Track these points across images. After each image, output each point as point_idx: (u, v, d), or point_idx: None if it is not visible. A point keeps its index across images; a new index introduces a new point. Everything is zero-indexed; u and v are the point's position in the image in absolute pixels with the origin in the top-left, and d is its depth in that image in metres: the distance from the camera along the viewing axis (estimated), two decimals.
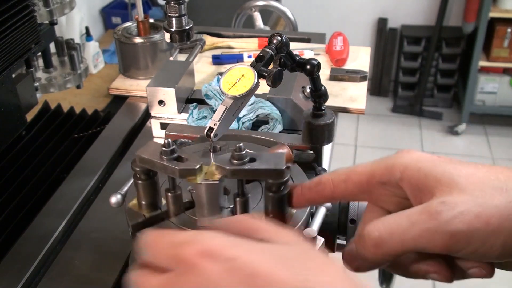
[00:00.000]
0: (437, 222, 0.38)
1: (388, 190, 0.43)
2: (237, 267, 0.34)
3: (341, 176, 0.45)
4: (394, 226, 0.39)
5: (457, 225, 0.37)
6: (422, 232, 0.38)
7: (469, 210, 0.37)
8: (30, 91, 0.94)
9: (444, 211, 0.38)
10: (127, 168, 0.91)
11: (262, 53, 0.61)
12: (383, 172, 0.43)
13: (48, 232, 0.77)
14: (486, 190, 0.38)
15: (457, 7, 3.14)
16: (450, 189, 0.39)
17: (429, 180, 0.40)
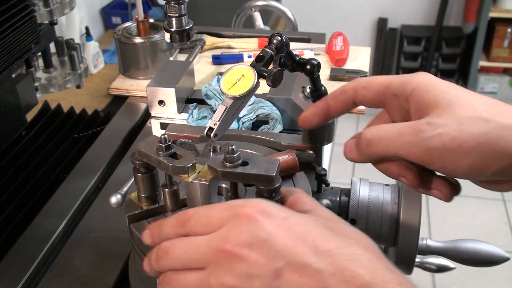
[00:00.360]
0: (418, 137, 0.44)
1: (398, 102, 0.49)
2: (290, 224, 0.41)
3: (362, 83, 0.51)
4: (384, 133, 0.47)
5: (434, 143, 0.43)
6: (403, 143, 0.45)
7: (448, 132, 0.43)
8: (30, 91, 0.94)
9: (426, 130, 0.44)
10: (127, 168, 0.91)
11: (262, 53, 0.61)
12: (398, 85, 0.48)
13: (48, 232, 0.77)
14: (472, 119, 0.43)
15: (457, 7, 3.14)
16: (442, 111, 0.44)
17: (430, 101, 0.46)
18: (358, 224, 0.67)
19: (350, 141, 0.51)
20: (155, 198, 0.57)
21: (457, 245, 0.73)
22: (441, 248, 0.73)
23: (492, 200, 2.58)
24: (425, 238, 0.73)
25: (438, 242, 0.74)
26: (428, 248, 0.73)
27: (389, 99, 0.50)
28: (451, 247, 0.73)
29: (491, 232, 2.40)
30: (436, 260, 0.78)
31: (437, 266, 0.78)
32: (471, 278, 2.16)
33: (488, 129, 0.43)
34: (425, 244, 0.73)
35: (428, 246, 0.73)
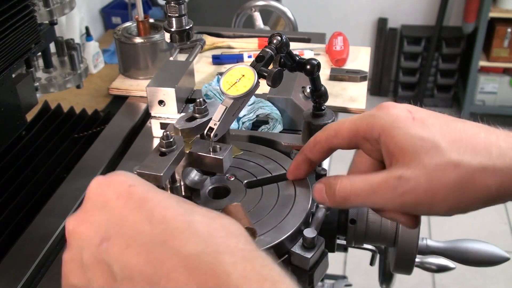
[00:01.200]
0: (392, 194, 0.46)
1: (370, 144, 0.50)
2: (132, 192, 0.39)
3: (331, 132, 0.53)
4: (359, 189, 0.48)
5: (407, 198, 0.45)
6: (379, 199, 0.47)
7: (419, 186, 0.44)
8: (30, 91, 0.94)
9: (399, 186, 0.45)
10: (127, 168, 0.90)
11: (262, 53, 0.61)
12: (365, 129, 0.49)
13: (48, 232, 0.77)
14: (441, 165, 0.44)
15: (457, 7, 3.14)
16: (410, 160, 0.45)
17: (397, 148, 0.46)
18: (358, 224, 0.67)
19: (319, 185, 0.52)
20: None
21: (457, 245, 0.73)
22: (441, 248, 0.73)
23: None
24: (425, 238, 0.73)
25: (438, 242, 0.74)
26: (428, 248, 0.73)
27: (361, 142, 0.50)
28: (451, 247, 0.73)
29: (491, 232, 2.40)
30: (436, 260, 0.78)
31: (437, 266, 0.78)
32: (471, 278, 2.16)
33: (459, 175, 0.43)
34: (425, 244, 0.73)
35: (428, 246, 0.73)
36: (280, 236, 0.56)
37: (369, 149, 0.50)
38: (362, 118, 0.50)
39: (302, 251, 0.57)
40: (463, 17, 3.02)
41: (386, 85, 3.43)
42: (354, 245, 0.73)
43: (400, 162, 0.46)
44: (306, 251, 0.57)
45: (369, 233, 0.67)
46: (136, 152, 0.96)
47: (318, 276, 0.59)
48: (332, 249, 0.70)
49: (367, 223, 0.67)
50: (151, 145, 0.98)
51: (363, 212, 0.66)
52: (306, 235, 0.57)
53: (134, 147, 0.97)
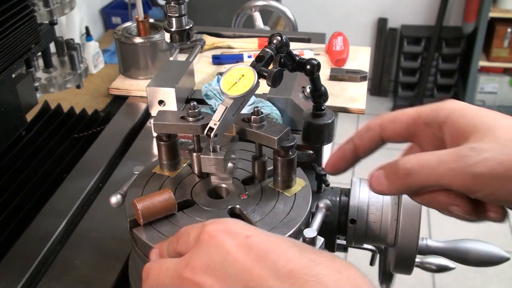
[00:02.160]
0: (463, 164, 0.41)
1: (430, 132, 0.47)
2: (252, 243, 0.38)
3: (389, 117, 0.49)
4: (425, 161, 0.43)
5: (480, 168, 0.41)
6: (447, 171, 0.42)
7: (494, 157, 0.41)
8: (30, 91, 0.94)
9: (471, 155, 0.41)
10: (127, 168, 0.91)
11: (262, 53, 0.61)
12: (429, 113, 0.47)
13: (48, 232, 0.77)
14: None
15: (457, 7, 3.14)
16: (483, 136, 0.42)
17: (469, 127, 0.44)
18: (358, 224, 0.67)
19: (377, 172, 0.47)
20: (176, 165, 0.66)
21: (457, 245, 0.73)
22: (441, 248, 0.73)
23: None
24: (425, 238, 0.73)
25: (438, 242, 0.74)
26: (428, 248, 0.73)
27: (420, 129, 0.48)
28: (451, 247, 0.73)
29: (491, 232, 2.40)
30: (436, 260, 0.78)
31: (437, 266, 0.78)
32: (471, 278, 2.16)
33: None
34: (425, 244, 0.73)
35: (428, 246, 0.73)
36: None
37: (427, 138, 0.47)
38: (426, 106, 0.48)
39: None
40: (463, 17, 3.02)
41: (386, 85, 3.43)
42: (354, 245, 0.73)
43: (472, 139, 0.43)
44: None
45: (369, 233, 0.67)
46: (136, 152, 0.96)
47: None
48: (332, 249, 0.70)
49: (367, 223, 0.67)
50: (151, 145, 0.98)
51: (363, 212, 0.66)
52: (306, 235, 0.57)
53: (134, 147, 0.97)
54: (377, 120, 0.50)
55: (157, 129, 0.63)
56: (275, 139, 0.58)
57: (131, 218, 0.57)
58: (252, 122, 0.61)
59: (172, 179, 0.64)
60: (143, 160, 0.91)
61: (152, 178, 0.65)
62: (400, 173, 0.44)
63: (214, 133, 0.57)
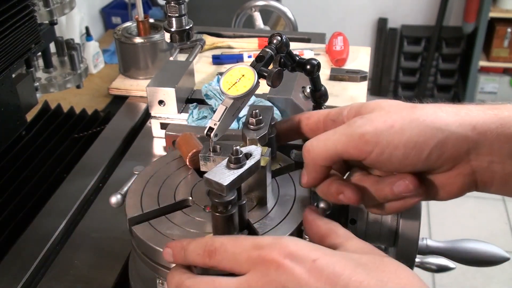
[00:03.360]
0: (351, 128, 0.47)
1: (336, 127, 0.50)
2: (321, 267, 0.38)
3: (306, 114, 0.58)
4: (322, 136, 0.49)
5: (366, 128, 0.46)
6: (339, 137, 0.47)
7: (378, 118, 0.46)
8: (30, 91, 0.94)
9: (358, 120, 0.47)
10: (127, 168, 0.91)
11: (262, 53, 0.61)
12: (336, 111, 0.54)
13: (48, 232, 0.77)
14: (399, 106, 0.48)
15: (457, 7, 3.14)
16: (371, 111, 0.49)
17: (361, 108, 0.50)
18: (358, 224, 0.67)
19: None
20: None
21: (457, 245, 0.73)
22: (441, 248, 0.73)
23: (492, 200, 2.58)
24: (425, 238, 0.73)
25: (438, 242, 0.74)
26: (428, 248, 0.73)
27: (328, 126, 0.53)
28: (451, 247, 0.73)
29: (491, 232, 2.40)
30: (436, 260, 0.77)
31: (437, 266, 0.78)
32: (471, 278, 2.16)
33: (415, 111, 0.46)
34: (425, 244, 0.73)
35: (428, 246, 0.73)
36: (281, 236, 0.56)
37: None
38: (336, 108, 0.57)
39: None
40: (463, 17, 3.02)
41: (386, 85, 3.43)
42: None
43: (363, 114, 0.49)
44: None
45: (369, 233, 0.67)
46: (136, 152, 0.96)
47: None
48: None
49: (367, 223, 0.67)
50: (151, 145, 0.98)
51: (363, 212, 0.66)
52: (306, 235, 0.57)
53: (134, 147, 0.97)
54: (299, 115, 0.58)
55: None
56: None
57: (130, 216, 0.57)
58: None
59: (175, 176, 0.64)
60: (143, 160, 0.91)
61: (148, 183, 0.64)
62: (305, 153, 0.50)
63: (214, 133, 0.57)
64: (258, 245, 0.40)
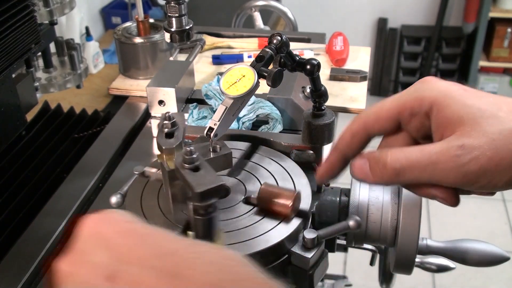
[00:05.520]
0: (454, 164, 0.42)
1: (417, 121, 0.46)
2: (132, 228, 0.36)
3: (371, 117, 0.48)
4: (415, 161, 0.43)
5: (471, 167, 0.41)
6: (439, 170, 0.42)
7: (484, 154, 0.41)
8: (30, 91, 0.94)
9: (462, 155, 0.42)
10: (127, 168, 0.91)
11: (262, 53, 0.61)
12: (413, 104, 0.46)
13: (48, 232, 0.77)
14: (504, 133, 0.42)
15: (457, 7, 3.14)
16: (470, 129, 0.42)
17: (454, 117, 0.43)
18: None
19: (360, 161, 0.46)
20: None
21: (457, 245, 0.73)
22: (441, 248, 0.73)
23: (492, 200, 2.58)
24: (425, 238, 0.73)
25: (438, 242, 0.74)
26: (428, 248, 0.73)
27: (407, 121, 0.47)
28: (451, 247, 0.73)
29: (491, 232, 2.40)
30: (436, 260, 0.78)
31: (437, 266, 0.78)
32: (471, 278, 2.16)
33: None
34: (425, 244, 0.73)
35: (428, 246, 0.73)
36: (280, 236, 0.56)
37: (414, 127, 0.47)
38: (407, 94, 0.46)
39: (302, 251, 0.58)
40: (463, 17, 3.02)
41: (386, 85, 3.43)
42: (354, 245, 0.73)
43: (458, 132, 0.43)
44: (306, 251, 0.57)
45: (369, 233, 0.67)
46: (136, 152, 0.96)
47: (318, 276, 0.59)
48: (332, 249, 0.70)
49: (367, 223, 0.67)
50: (151, 145, 0.98)
51: (363, 212, 0.66)
52: (306, 235, 0.57)
53: (134, 147, 0.97)
54: (359, 122, 0.48)
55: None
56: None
57: None
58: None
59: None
60: (143, 160, 0.91)
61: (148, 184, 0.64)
62: (388, 170, 0.44)
63: (214, 133, 0.57)
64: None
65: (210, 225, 0.48)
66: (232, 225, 0.57)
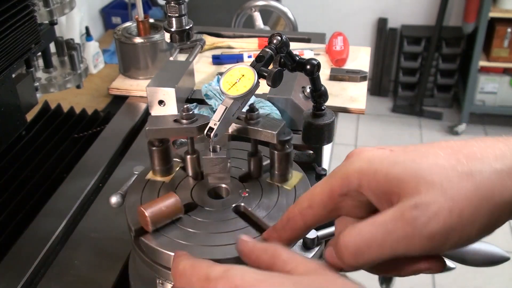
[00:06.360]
0: (414, 228, 0.37)
1: (351, 200, 0.42)
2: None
3: (305, 203, 0.44)
4: (370, 236, 0.38)
5: (434, 226, 0.37)
6: (400, 240, 0.37)
7: (442, 207, 0.37)
8: (30, 91, 0.94)
9: (419, 216, 0.37)
10: (127, 168, 0.91)
11: (262, 53, 0.61)
12: (340, 184, 0.42)
13: (48, 232, 0.77)
14: (452, 180, 0.37)
15: (457, 7, 3.14)
16: (417, 186, 0.38)
17: (391, 181, 0.39)
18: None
19: (329, 250, 0.42)
20: (170, 170, 0.65)
21: None
22: None
23: None
24: None
25: None
26: None
27: (340, 202, 0.42)
28: None
29: None
30: None
31: None
32: (471, 278, 2.16)
33: (476, 184, 0.37)
34: None
35: None
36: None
37: (350, 207, 0.43)
38: (332, 175, 0.43)
39: (302, 251, 0.57)
40: (463, 17, 3.02)
41: (386, 85, 3.43)
42: None
43: (404, 194, 0.38)
44: (306, 251, 0.57)
45: None
46: (136, 152, 0.96)
47: None
48: None
49: None
50: None
51: None
52: (306, 236, 0.57)
53: (134, 147, 0.97)
54: (295, 208, 0.44)
55: (151, 134, 0.62)
56: (274, 133, 0.59)
57: (136, 227, 0.56)
58: (249, 119, 0.61)
59: (168, 184, 0.64)
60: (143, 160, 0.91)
61: (148, 184, 0.64)
62: (347, 255, 0.39)
63: (214, 133, 0.57)
64: (208, 277, 0.38)
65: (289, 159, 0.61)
66: (232, 225, 0.58)
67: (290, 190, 0.62)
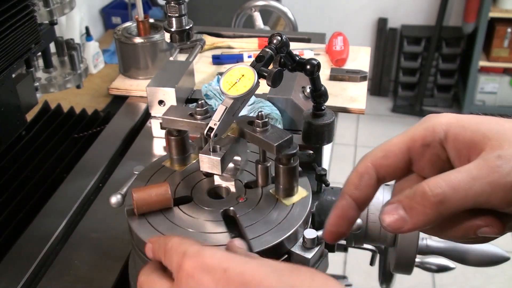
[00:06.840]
0: (498, 175, 0.37)
1: (430, 153, 0.42)
2: (229, 277, 0.38)
3: (379, 154, 0.43)
4: (456, 182, 0.38)
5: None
6: (484, 186, 0.37)
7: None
8: (30, 91, 0.94)
9: (503, 164, 0.37)
10: (127, 168, 0.91)
11: (262, 53, 0.61)
12: (424, 133, 0.42)
13: (48, 232, 0.77)
14: None
15: (457, 7, 3.14)
16: (500, 143, 0.39)
17: (477, 137, 0.40)
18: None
19: (391, 207, 0.40)
20: (185, 160, 0.66)
21: (457, 245, 0.73)
22: (441, 248, 0.73)
23: None
24: (425, 238, 0.73)
25: (438, 242, 0.74)
26: (428, 248, 0.73)
27: (419, 154, 0.42)
28: (451, 247, 0.73)
29: None
30: (436, 260, 0.78)
31: (437, 266, 0.78)
32: (471, 278, 2.16)
33: None
34: (425, 244, 0.73)
35: (428, 246, 0.73)
36: (280, 236, 0.56)
37: (428, 161, 0.42)
38: (415, 128, 0.43)
39: (302, 251, 0.57)
40: (463, 17, 3.02)
41: (386, 85, 3.43)
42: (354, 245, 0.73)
43: (488, 148, 0.39)
44: (306, 251, 0.57)
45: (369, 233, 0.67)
46: (136, 152, 0.96)
47: None
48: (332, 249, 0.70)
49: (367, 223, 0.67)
50: (151, 145, 0.98)
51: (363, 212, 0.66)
52: (306, 235, 0.57)
53: (134, 147, 0.97)
54: (366, 162, 0.43)
55: (165, 123, 0.63)
56: (274, 145, 0.57)
57: (128, 207, 0.58)
58: (255, 126, 0.60)
59: (177, 174, 0.65)
60: (143, 160, 0.91)
61: (159, 171, 0.65)
62: (431, 201, 0.38)
63: (214, 133, 0.57)
64: (185, 253, 0.41)
65: (293, 173, 0.60)
66: (212, 228, 0.58)
67: (287, 207, 0.60)
